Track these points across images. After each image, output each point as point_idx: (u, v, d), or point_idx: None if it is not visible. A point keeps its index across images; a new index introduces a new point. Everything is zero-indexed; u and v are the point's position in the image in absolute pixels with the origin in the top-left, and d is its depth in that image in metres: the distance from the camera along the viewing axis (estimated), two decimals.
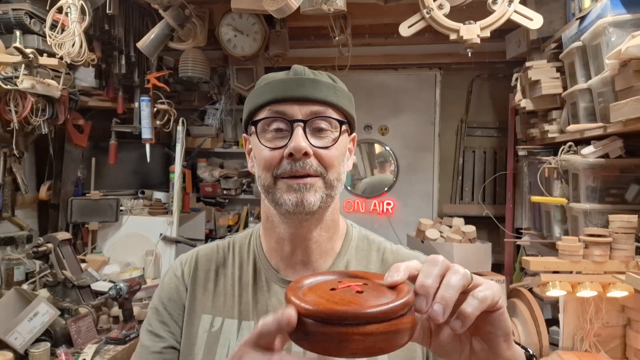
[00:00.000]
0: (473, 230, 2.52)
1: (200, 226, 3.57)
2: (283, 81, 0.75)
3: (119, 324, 2.18)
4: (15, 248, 2.67)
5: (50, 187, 2.99)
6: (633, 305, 1.76)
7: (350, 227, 0.88)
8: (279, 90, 0.74)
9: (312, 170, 0.73)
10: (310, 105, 0.74)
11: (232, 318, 0.79)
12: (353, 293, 0.48)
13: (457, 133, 3.67)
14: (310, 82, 0.75)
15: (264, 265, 0.83)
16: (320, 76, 0.79)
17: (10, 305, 1.95)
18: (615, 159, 1.86)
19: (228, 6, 2.23)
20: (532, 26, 1.90)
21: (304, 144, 0.71)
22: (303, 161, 0.72)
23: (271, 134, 0.75)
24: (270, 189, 0.75)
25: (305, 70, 0.78)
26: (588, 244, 1.64)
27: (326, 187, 0.75)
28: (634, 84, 1.55)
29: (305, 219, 0.76)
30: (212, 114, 3.77)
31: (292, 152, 0.71)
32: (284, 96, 0.74)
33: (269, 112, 0.75)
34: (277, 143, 0.74)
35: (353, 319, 0.43)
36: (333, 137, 0.76)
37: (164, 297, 0.84)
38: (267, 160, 0.74)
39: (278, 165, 0.73)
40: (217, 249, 0.88)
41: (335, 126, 0.76)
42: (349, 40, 2.69)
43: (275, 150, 0.73)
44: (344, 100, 0.78)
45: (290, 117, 0.73)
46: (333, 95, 0.76)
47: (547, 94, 2.37)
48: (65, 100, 2.58)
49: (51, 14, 2.13)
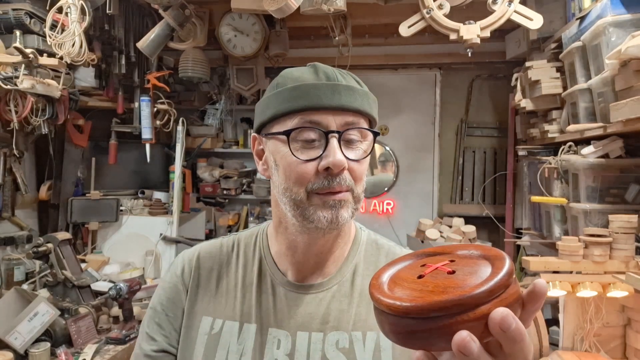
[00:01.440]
0: (473, 230, 2.52)
1: (200, 226, 3.57)
2: (316, 87, 0.69)
3: (119, 324, 2.18)
4: (15, 248, 2.67)
5: (50, 187, 2.99)
6: (633, 305, 1.76)
7: (359, 231, 0.85)
8: (313, 97, 0.68)
9: (346, 184, 0.69)
10: (346, 115, 0.69)
11: (233, 320, 0.77)
12: (445, 275, 0.43)
13: (457, 133, 3.68)
14: (346, 89, 0.70)
15: (270, 267, 0.80)
16: (349, 80, 0.73)
17: (10, 305, 1.94)
18: (615, 159, 1.86)
19: (228, 6, 2.23)
20: (532, 26, 1.90)
21: (342, 158, 0.67)
22: (339, 177, 0.68)
23: (301, 143, 0.69)
24: (302, 204, 0.70)
25: (336, 74, 0.72)
26: (588, 244, 1.64)
27: (355, 202, 0.72)
28: (634, 84, 1.55)
29: (329, 232, 0.72)
30: (212, 114, 3.77)
31: (331, 167, 0.67)
32: (318, 105, 0.68)
33: (302, 121, 0.69)
34: (309, 154, 0.69)
35: (460, 306, 0.38)
36: (364, 148, 0.72)
37: (163, 297, 0.82)
38: (300, 173, 0.69)
39: (313, 180, 0.69)
40: (221, 247, 0.85)
41: (365, 136, 0.72)
42: (349, 40, 2.69)
43: (309, 163, 0.68)
44: (375, 109, 0.74)
45: (325, 127, 0.68)
46: (367, 104, 0.72)
47: (547, 94, 2.37)
48: (65, 100, 2.58)
49: (51, 14, 2.13)
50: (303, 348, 0.73)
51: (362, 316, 0.75)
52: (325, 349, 0.73)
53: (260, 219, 3.83)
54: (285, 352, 0.73)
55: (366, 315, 0.75)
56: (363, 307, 0.75)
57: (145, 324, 0.82)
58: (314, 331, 0.74)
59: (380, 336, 0.73)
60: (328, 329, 0.74)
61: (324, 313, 0.75)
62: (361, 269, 0.80)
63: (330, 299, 0.76)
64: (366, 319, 0.74)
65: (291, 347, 0.73)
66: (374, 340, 0.73)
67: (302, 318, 0.75)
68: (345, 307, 0.75)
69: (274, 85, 0.74)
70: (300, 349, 0.73)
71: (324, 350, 0.73)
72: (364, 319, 0.75)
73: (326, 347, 0.73)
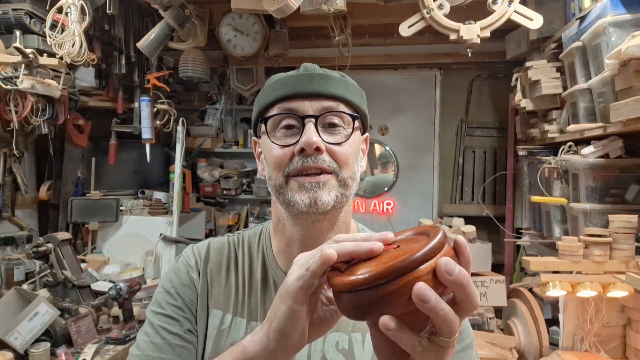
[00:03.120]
0: (473, 230, 2.52)
1: (200, 226, 3.57)
2: (293, 77, 0.74)
3: (119, 324, 2.18)
4: (15, 248, 2.67)
5: (50, 187, 2.99)
6: (633, 305, 1.76)
7: (361, 230, 0.86)
8: (289, 86, 0.72)
9: (324, 165, 0.70)
10: (322, 101, 0.72)
11: (241, 317, 0.78)
12: (393, 250, 0.50)
13: (457, 133, 3.67)
14: (321, 77, 0.73)
15: (272, 266, 0.81)
16: (330, 72, 0.76)
17: (10, 305, 1.95)
18: (615, 159, 1.86)
19: (228, 6, 2.23)
20: (532, 26, 1.90)
21: (316, 138, 0.69)
22: (315, 157, 0.70)
23: (281, 131, 0.72)
24: (282, 189, 0.72)
25: (315, 67, 0.76)
26: (588, 244, 1.64)
27: (340, 186, 0.72)
28: (634, 84, 1.55)
29: (317, 220, 0.73)
30: (212, 114, 3.77)
31: (304, 147, 0.69)
32: (294, 92, 0.71)
33: (279, 109, 0.73)
34: (287, 141, 0.72)
35: (411, 264, 0.45)
36: (346, 133, 0.73)
37: (176, 283, 0.80)
38: (277, 158, 0.71)
39: (289, 163, 0.71)
40: (228, 244, 0.85)
41: (347, 122, 0.74)
42: (349, 40, 2.69)
43: (286, 148, 0.71)
44: (356, 96, 0.76)
45: (301, 113, 0.71)
46: (344, 89, 0.74)
47: (547, 94, 2.37)
48: (65, 100, 2.58)
49: (51, 14, 2.13)
50: (304, 349, 0.72)
51: None
52: (325, 350, 0.73)
53: (260, 219, 3.83)
54: None
55: None
56: None
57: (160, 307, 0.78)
58: None
59: None
60: None
61: None
62: None
63: None
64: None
65: None
66: None
67: None
68: None
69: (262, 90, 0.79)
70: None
71: (323, 351, 0.73)
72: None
73: (326, 348, 0.73)
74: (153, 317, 0.78)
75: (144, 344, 0.75)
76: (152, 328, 0.76)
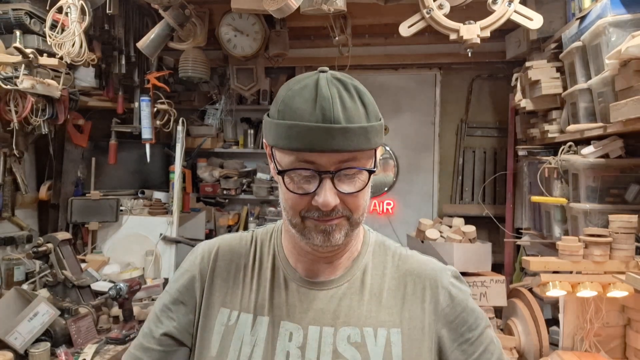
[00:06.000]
0: (473, 230, 2.52)
1: (200, 226, 3.57)
2: (310, 130, 0.69)
3: (119, 324, 2.18)
4: (15, 248, 2.67)
5: (50, 187, 2.99)
6: (633, 305, 1.76)
7: (368, 232, 0.89)
8: (307, 142, 0.69)
9: (339, 214, 0.74)
10: (340, 156, 0.71)
11: (247, 312, 0.80)
12: None
13: (457, 133, 3.67)
14: (341, 132, 0.69)
15: (283, 263, 0.84)
16: (350, 108, 0.70)
17: (10, 305, 1.94)
18: (615, 159, 1.86)
19: (228, 6, 2.23)
20: (532, 26, 1.90)
21: (331, 199, 0.71)
22: (332, 211, 0.73)
23: (297, 177, 0.73)
24: (298, 226, 0.76)
25: (334, 106, 0.69)
26: (588, 244, 1.64)
27: (351, 225, 0.76)
28: (634, 84, 1.55)
29: (331, 250, 0.78)
30: (212, 114, 3.77)
31: (320, 207, 0.71)
32: (311, 148, 0.70)
33: (296, 161, 0.71)
34: (304, 188, 0.73)
35: None
36: (362, 179, 0.74)
37: (179, 283, 0.86)
38: (295, 203, 0.74)
39: (305, 208, 0.74)
40: (240, 240, 0.88)
41: (364, 171, 0.74)
42: (349, 40, 2.69)
43: (303, 196, 0.73)
44: (375, 139, 0.74)
45: (318, 167, 0.71)
46: (364, 141, 0.72)
47: (547, 94, 2.38)
48: (65, 100, 2.58)
49: (51, 14, 2.13)
50: (314, 341, 0.76)
51: (373, 313, 0.78)
52: (337, 343, 0.76)
53: (260, 219, 3.83)
54: (297, 345, 0.76)
55: (377, 312, 0.78)
56: (374, 304, 0.79)
57: (157, 306, 0.86)
58: (325, 325, 0.77)
59: (390, 332, 0.77)
60: (339, 324, 0.77)
61: (335, 309, 0.78)
62: (370, 268, 0.83)
63: (342, 296, 0.79)
64: (377, 315, 0.78)
65: (303, 340, 0.76)
66: (385, 336, 0.76)
67: (314, 313, 0.78)
68: (356, 304, 0.79)
69: (276, 111, 0.73)
70: (312, 342, 0.76)
71: (335, 344, 0.76)
72: (374, 315, 0.78)
73: (337, 341, 0.76)
74: (151, 314, 0.86)
75: (135, 341, 0.85)
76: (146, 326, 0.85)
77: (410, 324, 0.78)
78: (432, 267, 0.84)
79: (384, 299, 0.79)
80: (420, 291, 0.81)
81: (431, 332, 0.78)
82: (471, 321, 0.80)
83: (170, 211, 3.14)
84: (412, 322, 0.78)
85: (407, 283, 0.81)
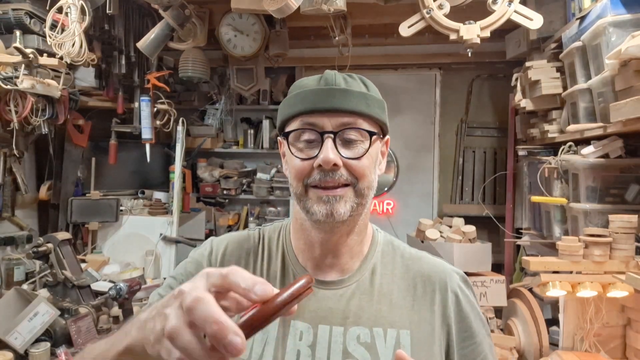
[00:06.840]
0: (473, 230, 2.52)
1: (200, 226, 3.57)
2: (313, 92, 0.76)
3: (119, 324, 2.18)
4: (15, 248, 2.67)
5: (50, 187, 2.99)
6: (633, 305, 1.76)
7: (376, 232, 0.90)
8: (309, 102, 0.75)
9: (342, 179, 0.74)
10: (341, 117, 0.74)
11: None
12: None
13: (457, 133, 3.67)
14: (341, 92, 0.75)
15: (292, 261, 0.84)
16: (352, 83, 0.78)
17: (10, 305, 1.95)
18: (615, 159, 1.86)
19: (228, 6, 2.23)
20: (532, 26, 1.90)
21: (333, 155, 0.72)
22: (333, 172, 0.73)
23: (302, 144, 0.76)
24: (302, 197, 0.77)
25: (337, 78, 0.77)
26: (588, 244, 1.64)
27: (356, 196, 0.76)
28: (634, 84, 1.55)
29: (336, 226, 0.77)
30: (212, 114, 3.77)
31: (321, 164, 0.73)
32: (314, 107, 0.75)
33: (300, 124, 0.76)
34: (308, 153, 0.75)
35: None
36: (364, 147, 0.76)
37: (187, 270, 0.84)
38: (298, 170, 0.76)
39: (309, 175, 0.75)
40: (249, 238, 0.88)
41: (365, 136, 0.76)
42: (349, 40, 2.69)
43: (305, 161, 0.75)
44: (375, 109, 0.78)
45: (321, 128, 0.74)
46: (364, 105, 0.76)
47: (547, 94, 2.37)
48: (65, 100, 2.58)
49: (51, 14, 2.13)
50: (324, 340, 0.76)
51: (383, 313, 0.78)
52: (347, 343, 0.76)
53: (260, 219, 3.83)
54: (307, 344, 0.76)
55: (386, 312, 0.79)
56: (383, 304, 0.79)
57: (161, 288, 0.85)
58: (335, 325, 0.77)
59: (400, 333, 0.77)
60: (349, 324, 0.77)
61: (344, 309, 0.79)
62: (379, 268, 0.84)
63: (350, 295, 0.80)
64: (386, 316, 0.78)
65: (313, 339, 0.77)
66: (394, 337, 0.77)
67: (324, 312, 0.78)
68: (365, 304, 0.79)
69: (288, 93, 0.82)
70: (322, 341, 0.76)
71: (345, 344, 0.76)
72: (384, 316, 0.78)
73: (347, 341, 0.76)
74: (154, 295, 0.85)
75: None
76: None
77: (419, 326, 0.78)
78: (442, 270, 0.84)
79: (393, 299, 0.80)
80: (430, 294, 0.81)
81: (440, 335, 0.79)
82: (474, 327, 0.81)
83: (170, 211, 3.14)
84: (422, 325, 0.78)
85: (417, 285, 0.82)
